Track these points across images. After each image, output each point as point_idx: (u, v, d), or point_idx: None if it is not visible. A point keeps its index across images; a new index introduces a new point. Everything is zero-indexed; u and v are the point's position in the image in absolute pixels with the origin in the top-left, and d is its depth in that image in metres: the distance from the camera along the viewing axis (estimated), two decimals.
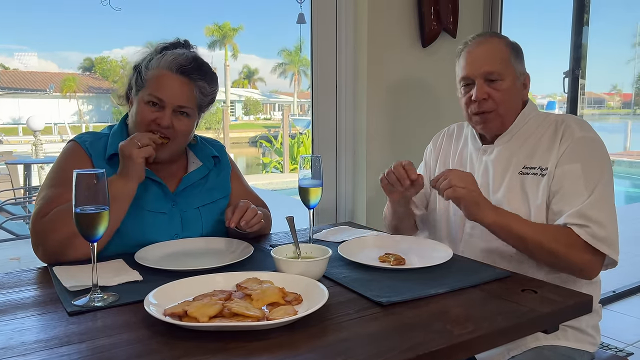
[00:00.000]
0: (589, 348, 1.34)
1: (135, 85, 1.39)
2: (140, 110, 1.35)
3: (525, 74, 1.45)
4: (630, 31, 16.11)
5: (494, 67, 1.38)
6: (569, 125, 1.36)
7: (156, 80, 1.34)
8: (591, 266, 1.25)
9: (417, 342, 0.83)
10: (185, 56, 1.37)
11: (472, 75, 1.40)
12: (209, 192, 1.48)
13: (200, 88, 1.39)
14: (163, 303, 0.92)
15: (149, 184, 1.38)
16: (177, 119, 1.36)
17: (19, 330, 0.88)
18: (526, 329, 0.98)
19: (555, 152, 1.34)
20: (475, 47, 1.42)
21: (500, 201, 1.38)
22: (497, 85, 1.38)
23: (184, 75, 1.35)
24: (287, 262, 1.10)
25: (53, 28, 42.22)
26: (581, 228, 1.22)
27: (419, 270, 1.18)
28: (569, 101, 2.88)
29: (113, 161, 1.35)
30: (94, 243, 0.99)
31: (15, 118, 22.73)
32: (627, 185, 12.23)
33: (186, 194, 1.44)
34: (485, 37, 1.45)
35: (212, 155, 1.54)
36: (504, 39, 1.45)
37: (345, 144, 2.31)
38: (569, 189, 1.28)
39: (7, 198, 5.67)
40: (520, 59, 1.44)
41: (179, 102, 1.35)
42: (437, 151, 1.64)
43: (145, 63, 1.38)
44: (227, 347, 0.81)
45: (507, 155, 1.42)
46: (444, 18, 2.35)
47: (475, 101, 1.40)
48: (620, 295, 3.31)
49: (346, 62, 2.25)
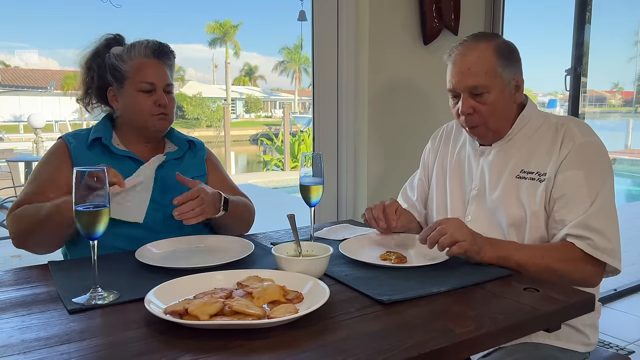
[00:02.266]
0: (579, 348, 1.33)
1: (115, 80, 1.48)
2: (137, 100, 1.46)
3: (516, 77, 1.36)
4: (632, 29, 16.08)
5: (477, 80, 1.31)
6: (570, 129, 1.32)
7: (139, 69, 1.46)
8: (593, 277, 1.23)
9: (418, 340, 0.82)
10: (151, 43, 1.49)
11: (457, 88, 1.35)
12: (185, 171, 1.50)
13: (169, 66, 1.52)
14: (164, 301, 0.92)
15: (128, 163, 1.47)
16: (167, 97, 1.49)
17: (20, 328, 0.87)
18: (528, 327, 0.97)
19: (555, 157, 1.30)
20: (459, 58, 1.35)
21: (496, 204, 1.36)
22: (483, 98, 1.32)
23: (159, 58, 1.49)
24: (288, 260, 1.10)
25: (54, 25, 42.24)
26: (583, 240, 1.21)
27: (420, 269, 1.18)
28: (570, 99, 2.87)
29: (93, 145, 1.47)
30: (94, 241, 0.98)
31: (16, 116, 22.75)
32: (628, 184, 12.22)
33: (164, 172, 1.49)
34: (470, 45, 1.35)
35: (186, 140, 1.62)
36: (493, 42, 1.34)
37: (347, 142, 2.31)
38: (571, 197, 1.26)
39: (8, 195, 5.68)
40: (511, 62, 1.35)
41: (165, 81, 1.49)
42: (435, 152, 1.61)
43: (115, 57, 1.47)
44: (228, 345, 0.80)
45: (504, 157, 1.39)
46: (445, 15, 2.34)
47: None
48: (621, 294, 3.30)
49: (347, 59, 2.25)
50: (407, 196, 1.66)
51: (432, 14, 2.32)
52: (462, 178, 1.49)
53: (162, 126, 1.50)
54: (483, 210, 1.40)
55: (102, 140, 1.46)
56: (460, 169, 1.51)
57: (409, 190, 1.67)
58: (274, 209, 1.62)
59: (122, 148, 1.49)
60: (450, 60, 1.38)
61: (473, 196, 1.43)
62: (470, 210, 1.43)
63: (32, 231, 1.31)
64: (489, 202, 1.39)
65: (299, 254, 1.18)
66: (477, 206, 1.42)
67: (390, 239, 1.40)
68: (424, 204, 1.62)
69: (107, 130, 1.50)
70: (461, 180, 1.49)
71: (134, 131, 1.51)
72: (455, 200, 1.48)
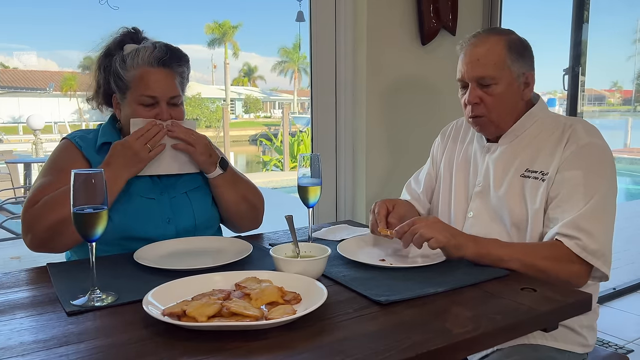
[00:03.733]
0: (577, 349, 1.32)
1: (118, 89, 1.41)
2: (137, 113, 1.38)
3: (527, 72, 1.37)
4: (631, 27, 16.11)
5: (486, 71, 1.33)
6: (576, 130, 1.31)
7: (141, 79, 1.37)
8: (579, 277, 1.22)
9: (416, 341, 0.83)
10: (159, 48, 1.38)
11: (466, 78, 1.37)
12: (193, 177, 1.49)
13: (179, 74, 1.42)
14: (162, 303, 0.92)
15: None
16: (172, 109, 1.40)
17: (18, 331, 0.87)
18: (525, 327, 0.98)
19: (557, 156, 1.30)
20: (471, 48, 1.37)
21: (500, 202, 1.36)
22: (490, 89, 1.34)
23: (165, 66, 1.38)
24: (286, 261, 1.10)
25: (52, 26, 42.21)
26: (571, 240, 1.20)
27: (418, 269, 1.18)
28: (569, 98, 2.87)
29: (103, 150, 1.39)
30: (92, 243, 0.98)
31: (15, 117, 22.72)
32: (627, 183, 12.23)
33: (172, 180, 1.46)
34: (482, 37, 1.37)
35: None
36: (504, 36, 1.36)
37: (345, 142, 2.31)
38: (566, 197, 1.25)
39: (7, 197, 5.68)
40: (521, 57, 1.36)
41: (170, 93, 1.39)
42: (443, 147, 1.61)
43: (120, 64, 1.38)
44: (225, 346, 0.80)
45: (510, 155, 1.39)
46: (443, 15, 2.35)
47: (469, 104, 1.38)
48: (620, 293, 3.30)
49: (345, 60, 2.25)
50: (411, 189, 1.66)
51: (430, 14, 2.32)
52: (467, 174, 1.49)
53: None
54: (486, 207, 1.40)
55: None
56: (466, 164, 1.50)
57: (413, 184, 1.67)
58: (273, 210, 1.62)
59: None
60: (462, 52, 1.40)
61: (476, 192, 1.43)
62: (472, 206, 1.43)
63: (59, 220, 1.21)
64: (492, 199, 1.39)
65: (297, 255, 1.18)
66: (480, 202, 1.42)
67: (386, 240, 1.40)
68: (429, 198, 1.62)
69: (114, 136, 1.44)
70: (466, 176, 1.49)
71: None
72: (459, 196, 1.48)
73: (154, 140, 1.34)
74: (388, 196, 1.60)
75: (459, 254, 1.20)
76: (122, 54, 1.40)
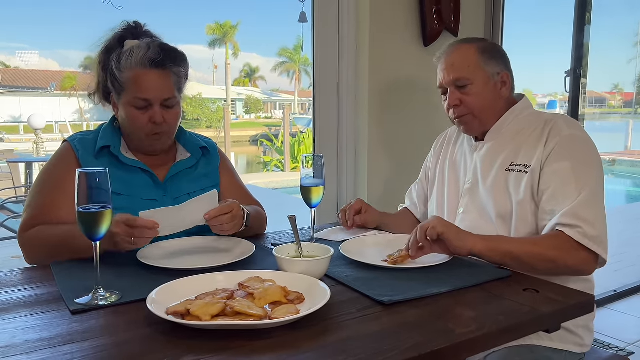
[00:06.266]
0: (573, 349, 1.33)
1: (114, 89, 1.39)
2: (131, 115, 1.37)
3: (502, 72, 1.44)
4: (632, 30, 16.10)
5: (461, 73, 1.42)
6: (557, 123, 1.37)
7: (134, 81, 1.34)
8: (586, 264, 1.25)
9: (419, 341, 0.83)
10: (152, 48, 1.35)
11: (444, 83, 1.46)
12: (197, 180, 1.49)
13: (175, 73, 1.39)
14: (165, 302, 0.92)
15: (138, 173, 1.41)
16: (166, 111, 1.38)
17: (23, 329, 0.88)
18: (528, 328, 0.98)
19: (540, 149, 1.34)
20: (445, 57, 1.47)
21: (486, 196, 1.41)
22: (467, 90, 1.42)
23: (159, 67, 1.35)
24: (289, 261, 1.10)
25: (54, 26, 42.27)
26: (573, 229, 1.22)
27: (420, 270, 1.18)
28: (570, 100, 2.87)
29: (101, 154, 1.39)
30: (96, 242, 0.99)
31: (17, 116, 22.76)
32: (628, 185, 12.23)
33: (175, 182, 1.46)
34: (456, 46, 1.47)
35: (200, 146, 1.55)
36: (475, 43, 1.45)
37: (347, 143, 2.31)
38: (559, 188, 1.28)
39: (9, 196, 5.68)
40: (494, 59, 1.43)
41: (163, 95, 1.36)
42: (436, 156, 1.69)
43: (115, 64, 1.36)
44: (229, 345, 0.81)
45: (495, 151, 1.44)
46: (445, 17, 2.35)
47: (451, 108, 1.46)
48: (621, 295, 3.30)
49: (348, 61, 2.25)
50: (411, 196, 1.76)
51: (433, 15, 2.32)
52: (458, 173, 1.56)
53: (158, 146, 1.43)
54: (475, 202, 1.46)
55: (111, 149, 1.39)
56: (457, 165, 1.57)
57: (413, 191, 1.77)
58: (274, 210, 1.63)
59: (131, 157, 1.42)
60: (438, 62, 1.50)
61: (467, 189, 1.49)
62: (462, 203, 1.50)
63: (50, 256, 1.26)
64: (480, 194, 1.44)
65: (300, 255, 1.18)
66: (470, 199, 1.47)
67: (388, 240, 1.41)
68: (424, 203, 1.71)
69: (115, 138, 1.43)
70: (457, 175, 1.56)
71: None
72: (451, 194, 1.56)
73: (142, 241, 1.20)
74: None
75: (465, 245, 1.22)
76: (119, 53, 1.37)
